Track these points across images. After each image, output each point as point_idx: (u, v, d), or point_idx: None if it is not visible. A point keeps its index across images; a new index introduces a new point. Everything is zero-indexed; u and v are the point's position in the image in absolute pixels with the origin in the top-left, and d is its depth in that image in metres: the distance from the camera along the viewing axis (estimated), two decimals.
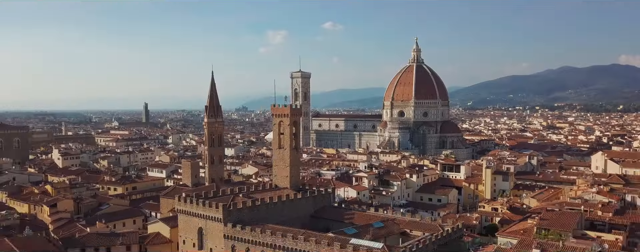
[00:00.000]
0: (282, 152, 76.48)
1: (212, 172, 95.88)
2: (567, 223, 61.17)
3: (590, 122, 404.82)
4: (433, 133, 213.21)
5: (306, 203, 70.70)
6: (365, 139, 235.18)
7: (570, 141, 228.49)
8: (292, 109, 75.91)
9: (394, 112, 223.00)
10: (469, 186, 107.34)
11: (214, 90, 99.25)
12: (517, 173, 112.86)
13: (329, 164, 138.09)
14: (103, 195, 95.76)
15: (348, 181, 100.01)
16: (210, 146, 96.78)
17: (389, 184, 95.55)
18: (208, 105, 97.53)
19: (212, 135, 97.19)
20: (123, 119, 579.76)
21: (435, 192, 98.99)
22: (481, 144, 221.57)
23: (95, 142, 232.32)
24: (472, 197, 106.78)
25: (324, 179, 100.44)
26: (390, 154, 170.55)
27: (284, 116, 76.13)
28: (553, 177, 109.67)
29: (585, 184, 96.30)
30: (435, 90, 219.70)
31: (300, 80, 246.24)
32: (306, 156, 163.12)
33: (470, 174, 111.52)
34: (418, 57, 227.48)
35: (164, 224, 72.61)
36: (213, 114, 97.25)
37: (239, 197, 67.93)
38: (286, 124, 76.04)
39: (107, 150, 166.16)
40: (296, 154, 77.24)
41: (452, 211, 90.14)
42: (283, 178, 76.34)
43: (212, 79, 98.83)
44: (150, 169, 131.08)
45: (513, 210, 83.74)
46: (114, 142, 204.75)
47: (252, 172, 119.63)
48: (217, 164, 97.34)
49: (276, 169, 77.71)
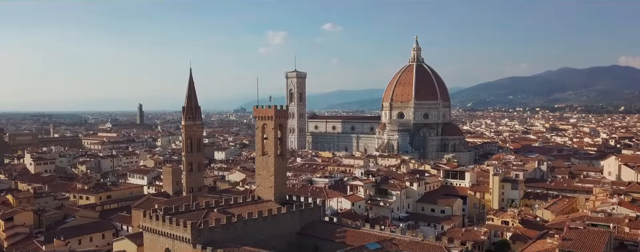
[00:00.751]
0: (266, 159, 67.52)
1: (191, 180, 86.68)
2: (595, 245, 52.08)
3: (593, 123, 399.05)
4: (434, 136, 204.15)
5: (292, 218, 61.62)
6: (363, 142, 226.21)
7: (576, 143, 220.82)
8: (277, 110, 66.93)
9: (393, 113, 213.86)
10: (475, 194, 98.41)
11: (193, 89, 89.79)
12: (526, 180, 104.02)
13: (323, 169, 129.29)
14: (72, 205, 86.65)
15: (342, 189, 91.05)
16: (188, 151, 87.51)
17: (387, 193, 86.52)
18: (185, 106, 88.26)
19: (190, 139, 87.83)
20: (119, 120, 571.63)
21: (438, 202, 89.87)
22: (484, 147, 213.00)
23: (82, 144, 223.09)
24: (478, 207, 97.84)
25: (315, 188, 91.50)
26: (389, 158, 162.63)
27: (268, 119, 67.18)
28: (566, 185, 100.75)
29: (603, 194, 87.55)
30: (436, 91, 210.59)
31: (295, 81, 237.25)
32: (300, 160, 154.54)
33: (476, 182, 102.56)
34: (418, 56, 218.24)
35: (130, 241, 63.78)
36: (191, 116, 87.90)
37: (213, 212, 58.94)
38: (270, 127, 67.09)
39: (89, 154, 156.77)
40: (282, 161, 68.29)
41: (457, 224, 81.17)
42: (266, 189, 67.37)
43: (191, 78, 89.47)
44: (131, 175, 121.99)
45: (526, 224, 74.85)
46: (99, 145, 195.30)
47: (239, 178, 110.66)
48: (196, 171, 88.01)
49: (259, 178, 68.73)
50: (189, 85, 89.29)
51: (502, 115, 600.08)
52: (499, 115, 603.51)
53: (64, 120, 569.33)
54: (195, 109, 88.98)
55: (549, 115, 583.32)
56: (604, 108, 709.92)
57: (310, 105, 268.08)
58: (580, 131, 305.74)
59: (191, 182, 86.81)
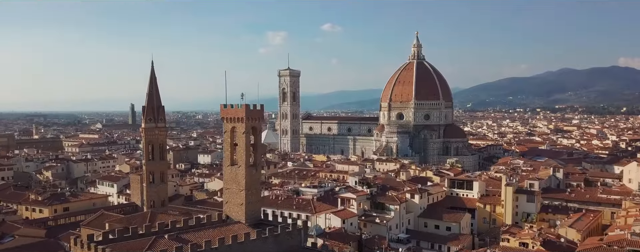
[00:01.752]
0: (236, 170, 55.18)
1: (152, 193, 73.96)
2: None
3: (596, 124, 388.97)
4: (435, 138, 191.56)
5: (264, 246, 49.39)
6: (360, 144, 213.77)
7: (585, 146, 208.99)
8: (249, 110, 54.61)
9: (392, 114, 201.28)
10: (484, 207, 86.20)
11: (155, 86, 76.35)
12: (542, 190, 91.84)
13: (314, 175, 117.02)
14: (15, 221, 74.10)
15: (333, 201, 78.74)
16: (149, 159, 74.72)
17: (385, 208, 74.21)
18: (146, 105, 75.36)
19: (151, 145, 74.96)
20: (115, 120, 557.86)
21: (443, 217, 77.53)
22: (488, 150, 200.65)
23: (62, 146, 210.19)
24: (488, 222, 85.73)
25: (301, 200, 79.18)
26: (387, 162, 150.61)
27: (238, 121, 54.85)
28: (589, 197, 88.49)
29: (635, 208, 75.51)
30: (437, 90, 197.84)
31: (288, 79, 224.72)
32: (291, 165, 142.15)
33: (485, 192, 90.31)
34: (419, 54, 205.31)
35: None
36: (152, 117, 74.87)
37: (163, 239, 46.63)
38: (241, 131, 54.76)
39: (59, 157, 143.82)
40: (255, 173, 55.95)
41: (466, 244, 68.95)
42: (236, 207, 55.03)
43: (152, 73, 76.21)
44: (100, 182, 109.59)
45: (548, 245, 62.89)
46: (77, 147, 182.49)
47: (218, 187, 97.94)
48: (159, 183, 75.13)
49: (227, 193, 56.36)
50: (150, 81, 76.08)
51: (503, 116, 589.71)
52: (499, 116, 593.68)
53: (58, 121, 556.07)
54: (157, 109, 75.73)
55: (550, 116, 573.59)
56: (605, 109, 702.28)
57: (309, 106, 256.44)
58: (586, 132, 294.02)
59: (152, 195, 73.95)
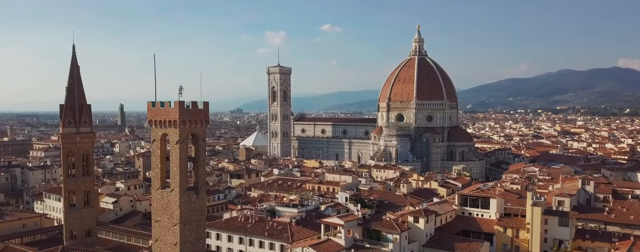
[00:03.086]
0: (167, 196, 38.62)
1: (72, 221, 56.43)
2: None
3: (601, 126, 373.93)
4: (439, 142, 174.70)
5: None
6: (356, 148, 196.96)
7: (600, 150, 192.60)
8: (184, 109, 38.00)
9: (391, 115, 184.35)
10: (504, 231, 69.51)
11: (77, 78, 57.37)
12: (572, 208, 75.32)
13: (299, 187, 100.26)
14: None
15: (316, 227, 62.05)
16: (69, 175, 57.30)
17: (381, 237, 57.53)
18: (64, 104, 57.13)
19: (71, 156, 57.30)
20: (109, 120, 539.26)
21: (455, 247, 60.73)
22: (496, 155, 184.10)
23: (32, 149, 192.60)
24: (508, 249, 69.08)
25: (276, 225, 62.42)
26: (385, 169, 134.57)
27: (170, 125, 38.23)
28: (633, 218, 71.93)
29: None
30: (441, 89, 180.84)
31: (278, 77, 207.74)
32: (276, 172, 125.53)
33: (503, 210, 73.54)
34: (420, 49, 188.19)
35: None
36: (72, 120, 57.23)
37: None
38: (174, 140, 38.17)
39: (13, 164, 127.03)
40: (196, 199, 39.31)
41: None
42: (168, 248, 38.52)
43: (74, 61, 57.56)
44: (46, 196, 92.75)
45: None
46: (43, 151, 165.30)
47: None
48: (81, 207, 57.19)
49: (157, 228, 39.75)
50: (70, 74, 57.88)
51: (505, 118, 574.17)
52: (501, 117, 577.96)
53: (51, 121, 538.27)
54: (79, 110, 57.99)
55: (553, 118, 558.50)
56: (607, 110, 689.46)
57: (309, 107, 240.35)
58: (596, 135, 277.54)
59: (73, 223, 56.57)
